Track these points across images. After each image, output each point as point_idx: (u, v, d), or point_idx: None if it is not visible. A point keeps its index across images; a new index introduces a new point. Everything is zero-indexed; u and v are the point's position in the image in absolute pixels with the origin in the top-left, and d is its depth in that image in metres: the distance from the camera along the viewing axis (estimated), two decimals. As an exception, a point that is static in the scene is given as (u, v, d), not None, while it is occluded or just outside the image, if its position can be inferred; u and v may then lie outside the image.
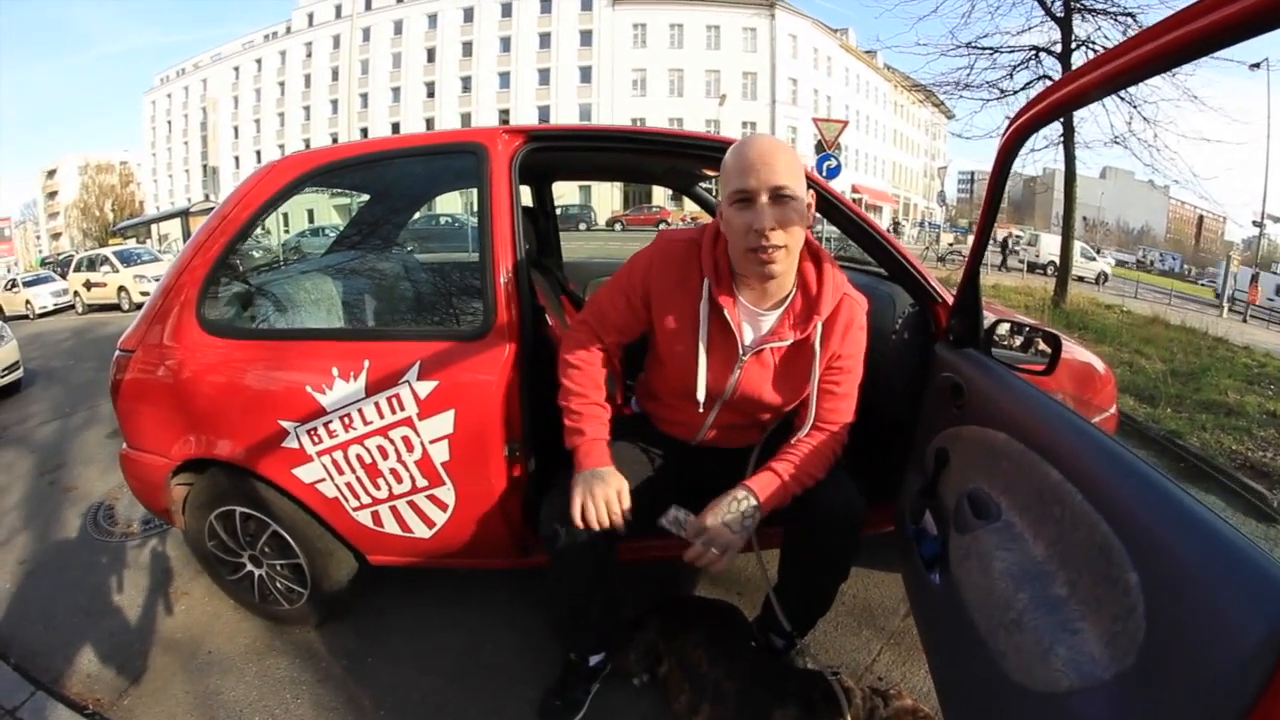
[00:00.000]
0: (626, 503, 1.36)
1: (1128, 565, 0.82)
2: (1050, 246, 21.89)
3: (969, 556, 1.16)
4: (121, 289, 13.76)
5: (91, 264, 14.85)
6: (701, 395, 1.42)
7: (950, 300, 1.70)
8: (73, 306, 15.02)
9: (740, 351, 1.41)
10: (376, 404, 1.63)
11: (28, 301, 15.07)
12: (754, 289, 1.39)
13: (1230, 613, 0.69)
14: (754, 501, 1.33)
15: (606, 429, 1.47)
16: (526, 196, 3.15)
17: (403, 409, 1.63)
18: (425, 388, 1.61)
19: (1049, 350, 1.58)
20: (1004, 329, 1.72)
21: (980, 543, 1.13)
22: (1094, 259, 23.82)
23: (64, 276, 16.04)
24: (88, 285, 14.46)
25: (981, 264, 1.55)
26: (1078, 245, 21.30)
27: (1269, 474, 3.62)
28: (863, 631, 2.02)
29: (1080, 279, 19.05)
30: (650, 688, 1.74)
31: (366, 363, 1.64)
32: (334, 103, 46.02)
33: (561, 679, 1.73)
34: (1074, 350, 2.26)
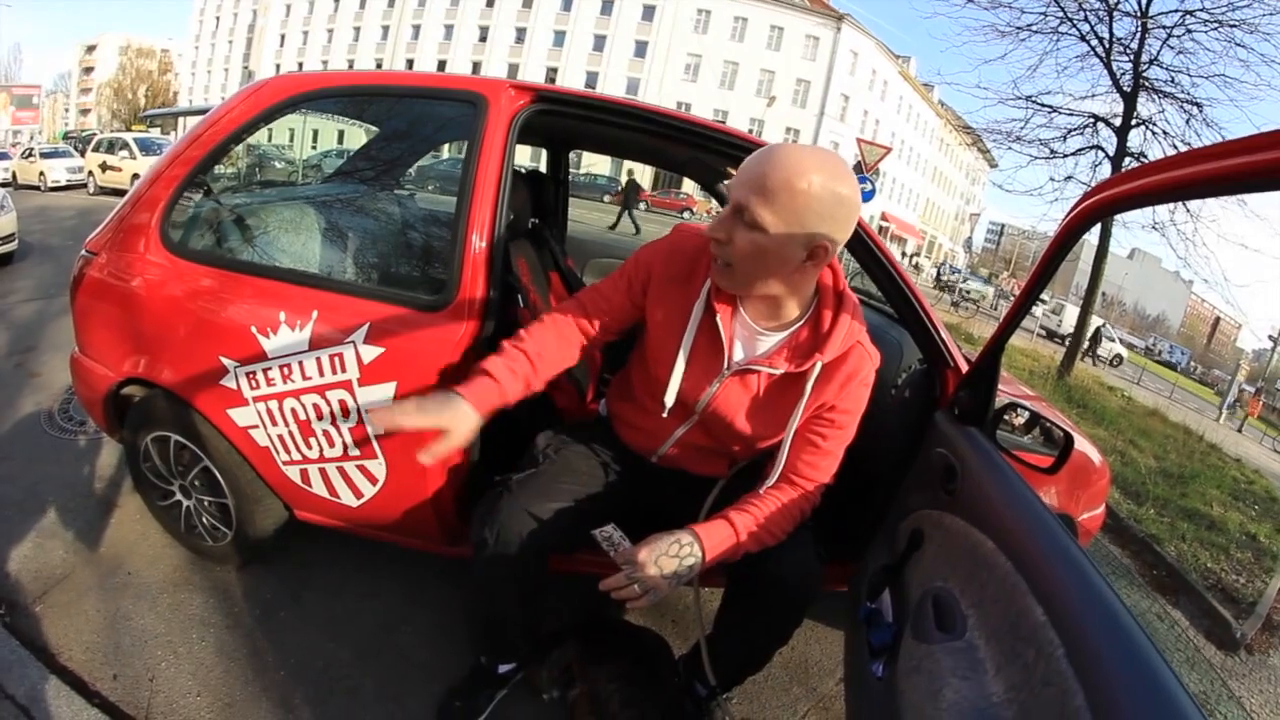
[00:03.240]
0: (459, 442, 1.20)
1: None
2: (1073, 318, 21.92)
3: (919, 671, 1.04)
4: (135, 176, 13.59)
5: (111, 146, 14.73)
6: (670, 399, 1.30)
7: (964, 367, 1.56)
8: (85, 185, 14.91)
9: (725, 365, 1.28)
10: (318, 359, 1.52)
11: (41, 173, 14.99)
12: (760, 303, 1.26)
13: None
14: (698, 555, 1.18)
15: (518, 386, 1.28)
16: (542, 160, 3.03)
17: (343, 370, 1.51)
18: (370, 352, 1.50)
19: (1058, 445, 1.42)
20: (1015, 416, 1.59)
21: (935, 661, 1.01)
22: (1112, 340, 23.68)
23: (83, 154, 15.88)
24: (103, 167, 14.36)
25: (1008, 341, 1.38)
26: (1103, 326, 21.30)
27: (1238, 601, 3.53)
28: (793, 689, 1.91)
29: (1096, 356, 19.05)
30: (558, 707, 1.64)
31: (314, 313, 1.53)
32: (385, 29, 45.61)
33: (468, 680, 1.63)
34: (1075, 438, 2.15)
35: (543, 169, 2.94)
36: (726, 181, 1.12)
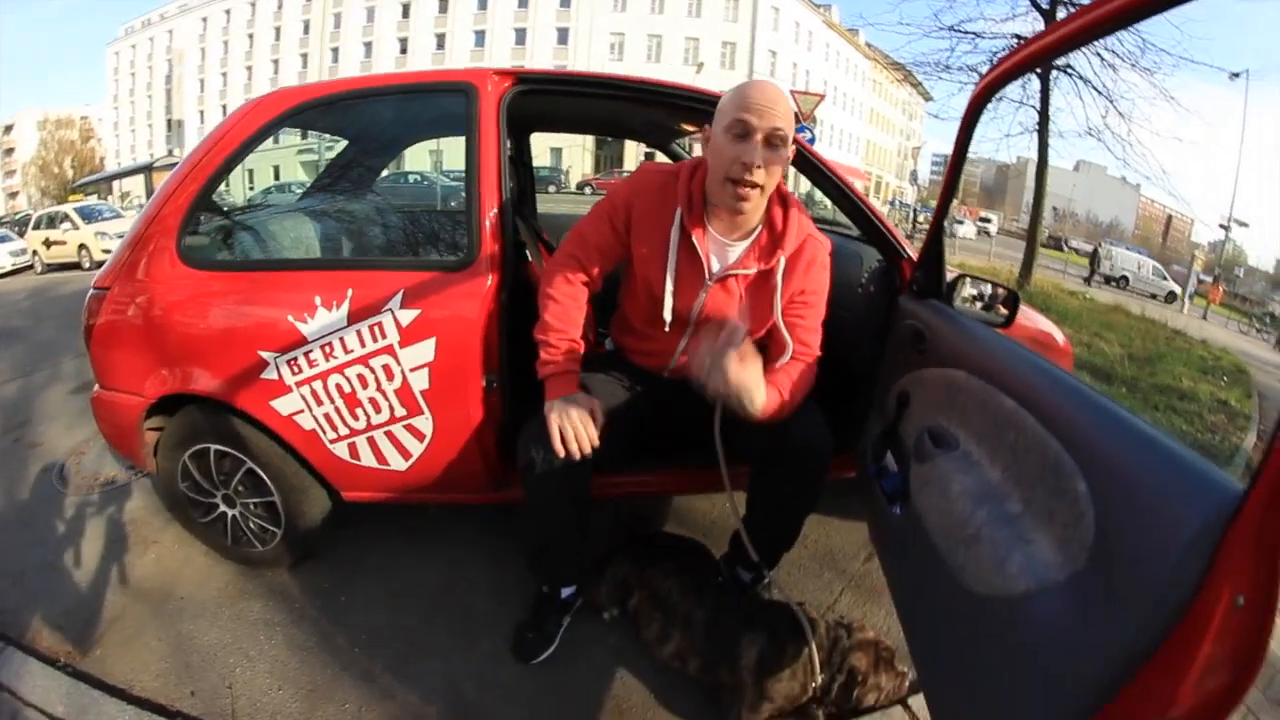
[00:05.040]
0: (601, 419, 1.42)
1: (1076, 476, 0.89)
2: (1123, 261, 22.81)
3: (929, 484, 1.23)
4: (82, 246, 13.37)
5: (51, 221, 14.39)
6: (668, 315, 1.49)
7: (915, 256, 1.77)
8: (31, 266, 14.54)
9: (706, 277, 1.48)
10: (358, 332, 1.64)
11: (-16, 262, 14.55)
12: (723, 220, 1.46)
13: (1167, 509, 0.75)
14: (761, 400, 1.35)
15: (578, 363, 1.51)
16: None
17: (384, 337, 1.64)
18: (407, 316, 1.63)
19: (1007, 307, 1.66)
20: (966, 285, 1.79)
21: (939, 469, 1.20)
22: (1165, 278, 24.05)
23: (22, 235, 15.48)
24: (47, 243, 14.03)
25: (946, 220, 1.63)
26: (1150, 264, 21.94)
27: (1216, 456, 3.77)
28: (825, 574, 2.10)
29: (1153, 296, 19.59)
30: (620, 623, 1.80)
31: (350, 291, 1.65)
32: (304, 56, 44.84)
33: (534, 612, 1.78)
34: (1036, 318, 2.35)
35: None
36: (733, 114, 1.34)
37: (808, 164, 1.78)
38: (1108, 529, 0.83)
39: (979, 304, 1.88)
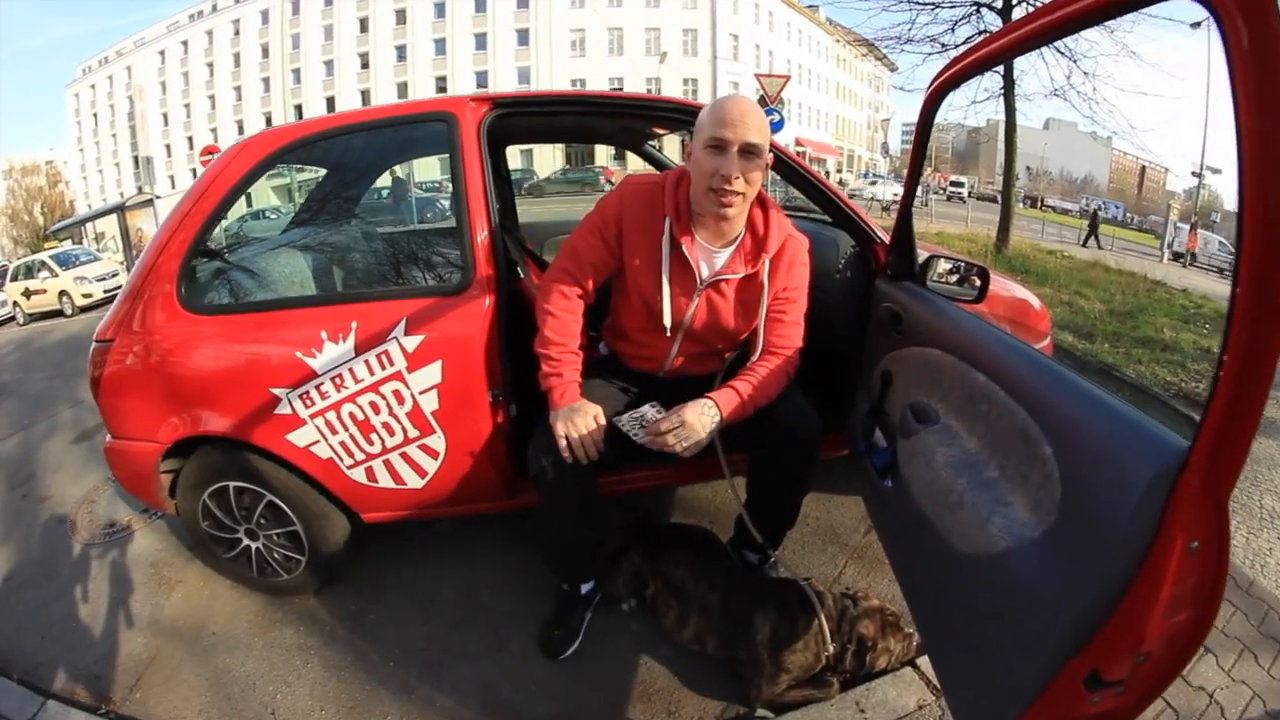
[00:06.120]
0: (603, 422, 1.51)
1: (1043, 441, 0.98)
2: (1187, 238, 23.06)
3: (914, 456, 1.33)
4: (63, 293, 13.22)
5: (29, 271, 14.18)
6: (668, 321, 1.59)
7: (887, 240, 1.87)
8: (13, 318, 14.38)
9: (698, 283, 1.57)
10: (366, 362, 1.71)
11: (-36, 319, 14.37)
12: (709, 228, 1.55)
13: (1122, 468, 0.84)
14: (718, 412, 1.50)
15: (579, 373, 1.60)
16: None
17: (392, 364, 1.71)
18: (413, 342, 1.70)
19: (979, 282, 1.75)
20: (938, 265, 1.88)
21: (923, 443, 1.30)
22: (1230, 252, 24.05)
23: (0, 288, 15.31)
24: (27, 294, 13.82)
25: (913, 204, 1.73)
26: (1215, 239, 22.36)
27: (1201, 403, 3.86)
28: (828, 549, 2.21)
29: (1220, 271, 19.86)
30: (639, 613, 1.89)
31: (354, 324, 1.71)
32: (265, 80, 44.58)
33: (557, 610, 1.87)
34: (1012, 288, 2.45)
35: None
36: (710, 130, 1.43)
37: (782, 165, 1.88)
38: (1073, 488, 0.92)
39: (955, 277, 1.98)
